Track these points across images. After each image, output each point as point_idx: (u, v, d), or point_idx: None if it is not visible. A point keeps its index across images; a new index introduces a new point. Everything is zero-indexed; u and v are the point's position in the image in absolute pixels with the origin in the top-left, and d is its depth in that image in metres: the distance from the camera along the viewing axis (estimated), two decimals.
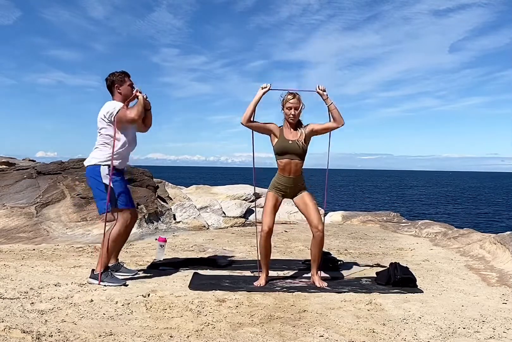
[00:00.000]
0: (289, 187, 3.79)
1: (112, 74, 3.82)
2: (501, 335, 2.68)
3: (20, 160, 9.73)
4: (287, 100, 3.72)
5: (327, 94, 3.73)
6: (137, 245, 5.61)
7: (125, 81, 3.81)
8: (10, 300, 3.09)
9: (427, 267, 4.60)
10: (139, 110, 3.71)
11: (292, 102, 3.70)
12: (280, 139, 3.75)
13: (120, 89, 3.79)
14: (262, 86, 3.74)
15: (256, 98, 3.71)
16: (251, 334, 2.59)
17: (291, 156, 3.73)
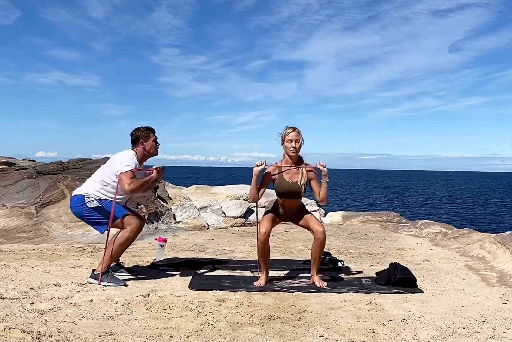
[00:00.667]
0: (288, 214, 3.87)
1: (138, 129, 3.85)
2: (501, 335, 2.68)
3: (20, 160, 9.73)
4: (287, 133, 3.73)
5: (327, 171, 3.74)
6: (137, 245, 5.61)
7: (150, 137, 3.85)
8: (10, 300, 3.09)
9: (427, 267, 4.60)
10: (141, 186, 3.66)
11: (292, 135, 3.70)
12: (279, 180, 3.75)
13: (145, 145, 3.83)
14: (257, 164, 3.69)
15: (254, 178, 3.69)
16: (251, 334, 2.59)
17: (290, 196, 3.76)
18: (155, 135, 3.90)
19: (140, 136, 3.82)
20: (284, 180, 3.74)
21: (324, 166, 3.74)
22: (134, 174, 3.64)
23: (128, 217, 3.70)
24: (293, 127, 3.76)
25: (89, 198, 3.71)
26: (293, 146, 3.70)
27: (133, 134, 3.86)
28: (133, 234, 3.70)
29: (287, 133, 3.74)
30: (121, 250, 3.78)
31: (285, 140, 3.74)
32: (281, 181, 3.75)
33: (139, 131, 3.84)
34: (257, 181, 3.71)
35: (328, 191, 3.78)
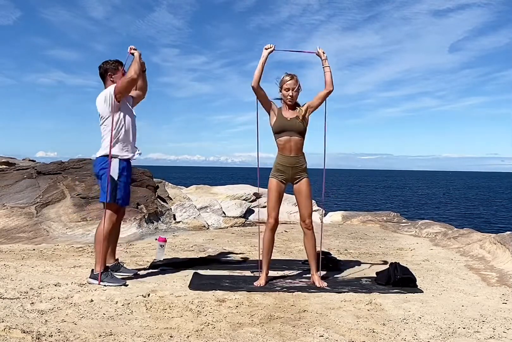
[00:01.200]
0: (290, 167, 3.77)
1: (106, 62, 3.81)
2: (501, 335, 2.68)
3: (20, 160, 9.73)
4: (285, 81, 3.73)
5: (326, 56, 3.81)
6: (137, 245, 5.61)
7: (118, 70, 3.81)
8: (10, 300, 3.09)
9: (427, 267, 4.60)
10: (136, 68, 3.65)
11: (289, 84, 3.72)
12: (278, 118, 3.77)
13: (113, 78, 3.79)
14: (266, 47, 3.75)
15: (262, 60, 3.73)
16: (251, 334, 2.59)
17: (290, 133, 3.74)
18: (124, 69, 3.83)
19: (108, 69, 3.78)
20: (282, 117, 3.76)
21: (323, 52, 3.80)
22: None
23: (112, 206, 3.69)
24: (291, 74, 3.76)
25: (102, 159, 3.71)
26: (290, 95, 3.73)
27: (101, 67, 3.81)
28: (110, 226, 3.69)
29: (284, 81, 3.74)
30: (106, 244, 3.71)
31: (282, 88, 3.76)
32: (280, 118, 3.76)
33: (107, 64, 3.80)
34: (263, 63, 3.73)
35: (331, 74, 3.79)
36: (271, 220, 3.76)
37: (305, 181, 3.83)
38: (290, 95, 3.73)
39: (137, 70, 3.65)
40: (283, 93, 3.77)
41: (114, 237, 3.94)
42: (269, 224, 3.76)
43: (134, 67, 3.65)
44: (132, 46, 3.75)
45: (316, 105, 3.85)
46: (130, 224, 6.40)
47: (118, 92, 3.66)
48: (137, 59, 3.69)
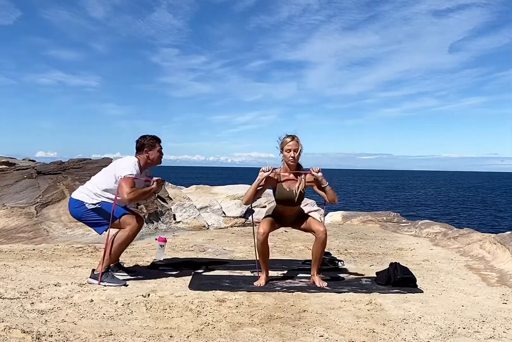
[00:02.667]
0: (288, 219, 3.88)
1: (144, 137, 3.84)
2: (501, 335, 2.68)
3: (20, 160, 9.72)
4: (286, 143, 3.70)
5: (321, 176, 3.72)
6: (137, 245, 5.61)
7: (155, 147, 3.84)
8: (10, 300, 3.09)
9: (427, 267, 4.60)
10: (140, 196, 3.68)
11: (291, 145, 3.68)
12: (278, 189, 3.76)
13: (149, 154, 3.82)
14: (263, 169, 3.68)
15: (257, 182, 3.67)
16: (251, 334, 2.59)
17: (289, 204, 3.76)
18: (161, 145, 3.90)
19: (145, 144, 3.81)
20: (283, 188, 3.75)
21: (318, 171, 3.71)
22: (134, 182, 3.63)
23: (127, 217, 3.69)
24: (292, 136, 3.73)
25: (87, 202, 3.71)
26: (291, 156, 3.68)
27: (138, 142, 3.85)
28: (131, 234, 3.70)
29: (286, 142, 3.70)
30: (120, 250, 3.78)
31: (284, 149, 3.72)
32: (280, 189, 3.75)
33: (145, 139, 3.83)
34: (257, 186, 3.70)
35: (333, 192, 3.76)
36: (261, 230, 3.68)
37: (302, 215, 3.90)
38: (292, 156, 3.68)
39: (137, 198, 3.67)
40: (285, 154, 3.72)
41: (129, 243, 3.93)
42: (259, 235, 3.68)
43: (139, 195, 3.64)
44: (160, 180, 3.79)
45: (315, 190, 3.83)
46: None
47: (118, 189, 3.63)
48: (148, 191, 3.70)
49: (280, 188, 3.75)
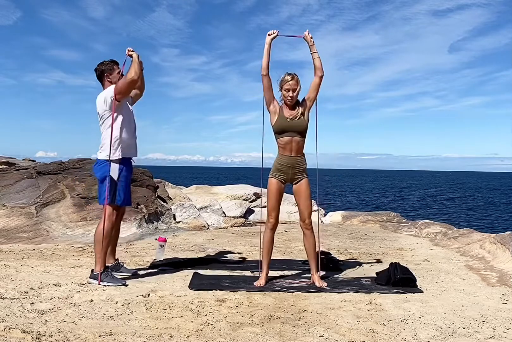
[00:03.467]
0: (291, 167, 3.77)
1: (101, 63, 3.83)
2: (501, 335, 2.68)
3: (20, 160, 9.73)
4: (286, 81, 3.72)
5: (313, 41, 3.80)
6: (137, 245, 5.61)
7: (114, 69, 3.82)
8: (10, 300, 3.09)
9: (427, 267, 4.60)
10: (136, 68, 3.65)
11: (290, 84, 3.70)
12: (279, 118, 3.76)
13: (110, 78, 3.80)
14: (269, 33, 3.76)
15: (266, 46, 3.74)
16: (251, 334, 2.59)
17: (291, 134, 3.74)
18: (120, 67, 3.85)
19: (105, 69, 3.80)
20: (283, 117, 3.75)
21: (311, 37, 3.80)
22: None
23: (108, 208, 3.69)
24: (292, 74, 3.74)
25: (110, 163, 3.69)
26: (290, 95, 3.72)
27: (97, 69, 3.83)
28: (110, 226, 3.70)
29: (285, 81, 3.73)
30: (103, 245, 3.69)
31: (283, 88, 3.75)
32: (281, 118, 3.75)
33: (103, 65, 3.82)
34: (269, 50, 3.74)
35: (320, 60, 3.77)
36: (272, 219, 3.76)
37: (305, 181, 3.83)
38: (291, 96, 3.72)
39: (137, 71, 3.66)
40: (283, 93, 3.76)
41: (114, 237, 3.94)
42: (270, 224, 3.76)
43: (135, 68, 3.65)
44: (130, 48, 3.76)
45: (313, 97, 3.84)
46: (130, 224, 6.40)
47: (119, 93, 3.66)
48: (136, 60, 3.69)
49: (281, 117, 3.75)
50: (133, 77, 3.63)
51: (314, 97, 3.84)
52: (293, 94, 3.72)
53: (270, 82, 3.76)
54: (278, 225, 3.88)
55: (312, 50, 3.80)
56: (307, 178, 3.85)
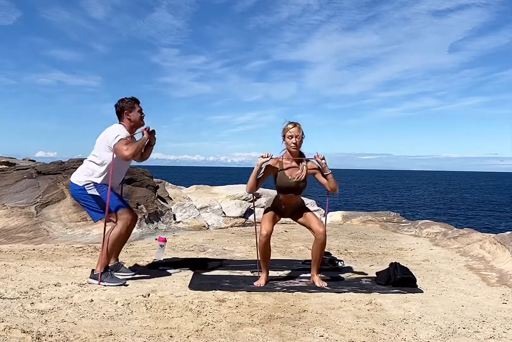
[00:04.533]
0: (288, 210, 3.87)
1: (122, 100, 3.81)
2: (501, 335, 2.68)
3: (20, 160, 9.73)
4: (288, 129, 3.71)
5: (325, 163, 3.73)
6: (137, 245, 5.61)
7: (134, 108, 3.80)
8: (10, 300, 3.09)
9: (427, 267, 4.60)
10: (138, 149, 3.64)
11: (293, 131, 3.69)
12: (280, 176, 3.74)
13: (130, 116, 3.78)
14: (262, 155, 3.68)
15: (256, 168, 3.65)
16: (251, 334, 2.59)
17: (291, 192, 3.75)
18: (140, 106, 3.85)
19: (124, 107, 3.78)
20: (285, 175, 3.74)
21: (322, 158, 3.73)
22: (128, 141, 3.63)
23: (122, 211, 3.69)
24: (294, 122, 3.74)
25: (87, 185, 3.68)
26: (293, 142, 3.70)
27: (117, 106, 3.81)
28: (125, 230, 3.70)
29: (288, 128, 3.73)
30: (116, 247, 3.75)
31: (286, 136, 3.74)
32: (282, 176, 3.74)
33: (123, 102, 3.80)
34: (258, 172, 3.69)
35: (335, 181, 3.75)
36: (264, 231, 3.68)
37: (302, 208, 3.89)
38: (294, 142, 3.70)
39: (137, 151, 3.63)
40: (287, 141, 3.74)
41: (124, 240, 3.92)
42: (262, 236, 3.68)
43: (137, 148, 3.62)
44: (149, 128, 3.76)
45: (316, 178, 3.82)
46: None
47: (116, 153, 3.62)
48: (143, 142, 3.69)
49: (282, 176, 3.74)
50: (126, 156, 3.57)
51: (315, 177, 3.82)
52: (296, 141, 3.70)
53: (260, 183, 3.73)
54: (278, 225, 3.88)
55: (326, 171, 3.73)
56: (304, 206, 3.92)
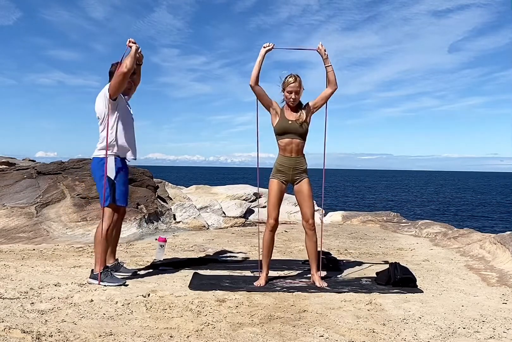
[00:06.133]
0: (291, 168, 3.78)
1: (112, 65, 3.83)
2: (501, 335, 2.68)
3: (20, 160, 9.73)
4: (288, 83, 3.71)
5: (327, 54, 3.74)
6: (137, 245, 5.61)
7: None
8: (10, 300, 3.09)
9: (427, 267, 4.60)
10: (129, 62, 3.59)
11: (292, 86, 3.69)
12: (280, 119, 3.76)
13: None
14: (264, 45, 3.71)
15: (259, 58, 3.68)
16: (251, 334, 2.59)
17: (292, 136, 3.74)
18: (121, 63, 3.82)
19: (112, 70, 3.79)
20: (285, 119, 3.74)
21: (324, 50, 3.72)
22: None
23: (109, 209, 3.69)
24: (295, 76, 3.72)
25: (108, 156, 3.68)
26: (292, 98, 3.72)
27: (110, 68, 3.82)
28: (112, 226, 3.70)
29: (288, 83, 3.71)
30: (106, 244, 3.71)
31: (285, 90, 3.74)
32: (283, 120, 3.74)
33: (112, 66, 3.81)
34: (261, 62, 3.68)
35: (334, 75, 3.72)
36: (271, 220, 3.75)
37: (306, 181, 3.83)
38: (293, 98, 3.72)
39: (129, 64, 3.59)
40: (286, 95, 3.75)
41: (115, 237, 3.94)
42: (269, 225, 3.75)
43: (127, 61, 3.60)
44: (131, 39, 3.71)
45: (319, 105, 3.83)
46: (130, 224, 6.40)
47: (112, 90, 3.64)
48: (132, 53, 3.64)
49: (283, 119, 3.75)
50: (123, 70, 3.57)
51: (320, 106, 3.84)
52: (295, 97, 3.72)
53: (261, 90, 3.73)
54: (278, 225, 3.88)
55: (326, 63, 3.74)
56: (308, 178, 3.85)
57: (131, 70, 3.65)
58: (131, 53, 3.65)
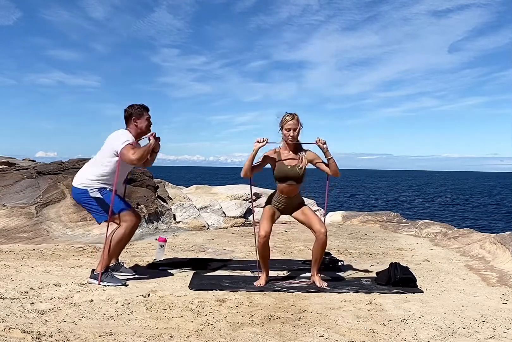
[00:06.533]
0: (287, 205, 3.83)
1: (131, 106, 3.81)
2: (501, 335, 2.68)
3: (20, 160, 9.72)
4: (286, 121, 3.70)
5: (326, 147, 3.72)
6: (137, 245, 5.61)
7: (143, 115, 3.80)
8: (10, 300, 3.09)
9: (427, 267, 4.60)
10: (144, 154, 3.63)
11: (291, 124, 3.68)
12: (278, 165, 3.74)
13: (137, 122, 3.78)
14: (258, 140, 3.67)
15: (252, 153, 3.64)
16: (251, 334, 2.59)
17: (291, 182, 3.75)
18: (149, 114, 3.85)
19: (133, 113, 3.78)
20: (283, 164, 3.74)
21: (323, 143, 3.71)
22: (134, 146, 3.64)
23: (125, 213, 3.69)
24: (292, 114, 3.72)
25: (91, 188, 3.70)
26: (291, 135, 3.70)
27: (126, 111, 3.82)
28: (128, 231, 3.69)
29: (286, 121, 3.71)
30: (118, 248, 3.76)
31: (283, 128, 3.73)
32: (281, 166, 3.74)
33: (133, 108, 3.80)
34: (253, 157, 3.67)
35: (336, 165, 3.72)
36: (262, 232, 3.66)
37: (304, 207, 3.86)
38: (292, 135, 3.70)
39: (143, 156, 3.62)
40: (284, 133, 3.74)
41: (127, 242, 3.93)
42: (260, 237, 3.67)
43: (143, 153, 3.61)
44: (155, 133, 3.77)
45: (316, 167, 3.82)
46: None
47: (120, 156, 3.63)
48: (149, 147, 3.68)
49: (281, 165, 3.74)
50: (133, 161, 3.57)
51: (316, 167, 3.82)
52: (294, 134, 3.70)
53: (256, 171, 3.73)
54: (278, 225, 3.87)
55: (327, 156, 3.72)
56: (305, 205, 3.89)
57: (141, 162, 3.68)
58: (148, 146, 3.69)
